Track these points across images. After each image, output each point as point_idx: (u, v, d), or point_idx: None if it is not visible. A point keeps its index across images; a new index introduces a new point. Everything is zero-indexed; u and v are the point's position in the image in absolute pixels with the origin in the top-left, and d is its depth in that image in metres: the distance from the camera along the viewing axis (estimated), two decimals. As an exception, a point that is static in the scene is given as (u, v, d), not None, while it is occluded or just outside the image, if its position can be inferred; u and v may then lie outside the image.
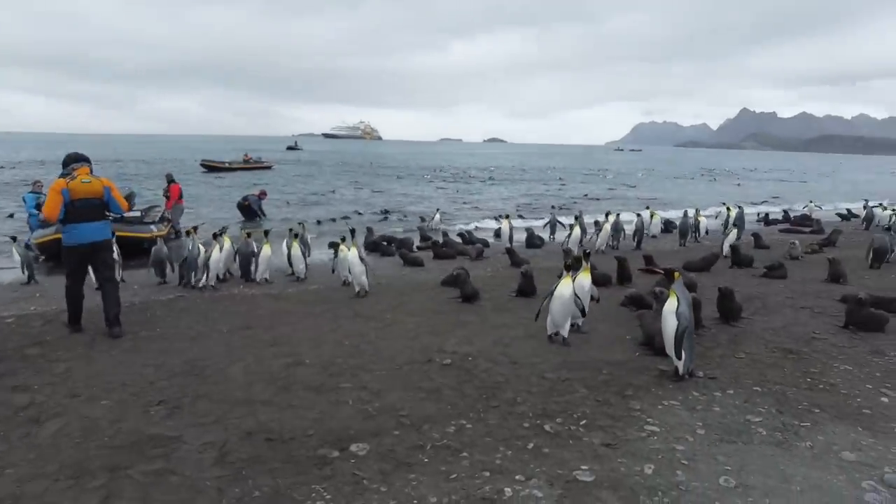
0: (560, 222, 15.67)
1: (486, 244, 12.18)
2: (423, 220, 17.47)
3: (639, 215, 12.95)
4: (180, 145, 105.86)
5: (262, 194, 18.03)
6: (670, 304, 4.72)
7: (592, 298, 6.11)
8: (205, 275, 8.21)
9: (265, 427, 3.82)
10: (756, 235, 12.98)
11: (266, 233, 9.31)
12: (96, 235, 5.92)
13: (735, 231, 11.49)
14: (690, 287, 7.93)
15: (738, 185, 42.75)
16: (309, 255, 9.17)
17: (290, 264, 9.27)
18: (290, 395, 4.34)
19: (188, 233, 8.88)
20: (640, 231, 12.69)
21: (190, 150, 78.17)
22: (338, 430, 3.77)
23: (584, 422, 3.97)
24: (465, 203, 25.33)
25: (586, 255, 6.25)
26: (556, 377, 4.76)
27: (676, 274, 4.90)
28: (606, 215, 12.65)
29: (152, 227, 12.62)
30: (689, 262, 9.70)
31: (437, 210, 16.80)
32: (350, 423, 3.89)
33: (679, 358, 4.71)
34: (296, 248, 8.82)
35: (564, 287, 5.32)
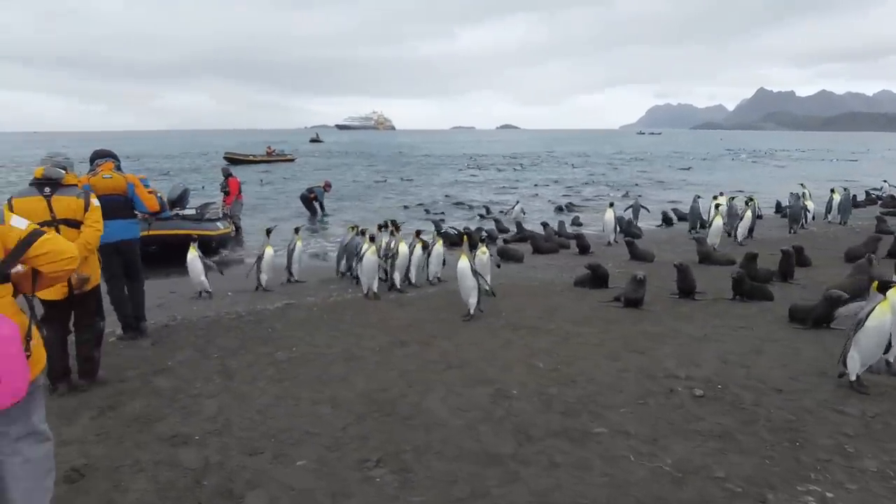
0: (644, 207, 14.50)
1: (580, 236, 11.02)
2: (488, 211, 16.35)
3: (752, 199, 11.70)
4: (199, 140, 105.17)
5: (327, 186, 16.73)
6: None
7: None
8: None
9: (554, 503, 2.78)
10: (879, 219, 11.75)
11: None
12: (122, 234, 5.45)
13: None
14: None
15: (783, 166, 41.13)
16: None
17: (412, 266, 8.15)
18: (540, 447, 3.29)
19: (417, 234, 7.82)
20: (752, 219, 11.49)
21: (210, 144, 77.45)
22: (659, 508, 2.73)
23: (973, 483, 2.91)
24: (515, 190, 24.20)
25: None
26: (857, 412, 3.68)
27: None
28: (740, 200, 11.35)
29: (218, 224, 11.68)
30: (851, 249, 8.54)
31: (517, 202, 15.58)
32: (661, 492, 2.84)
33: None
34: (439, 247, 7.73)
35: (883, 313, 3.92)
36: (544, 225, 12.63)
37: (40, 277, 2.28)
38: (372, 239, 7.05)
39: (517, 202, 15.51)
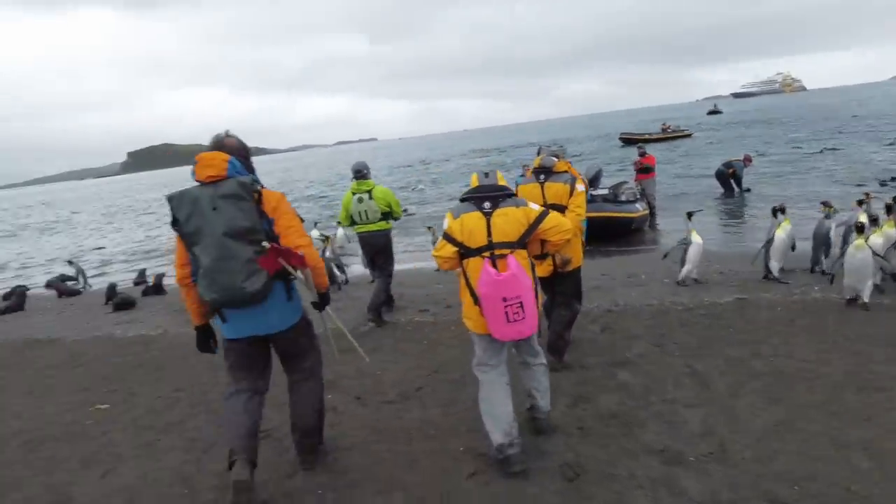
0: None
1: None
2: None
3: None
4: (593, 123, 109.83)
5: (747, 160, 14.66)
6: None
7: None
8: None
9: None
10: None
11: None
12: None
13: None
14: None
15: None
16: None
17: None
18: None
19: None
20: None
21: (604, 126, 79.85)
22: None
23: None
24: None
25: None
26: None
27: None
28: None
29: (637, 206, 11.33)
30: None
31: None
32: None
33: None
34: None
35: None
36: None
37: (546, 244, 3.16)
38: (860, 229, 5.34)
39: None
